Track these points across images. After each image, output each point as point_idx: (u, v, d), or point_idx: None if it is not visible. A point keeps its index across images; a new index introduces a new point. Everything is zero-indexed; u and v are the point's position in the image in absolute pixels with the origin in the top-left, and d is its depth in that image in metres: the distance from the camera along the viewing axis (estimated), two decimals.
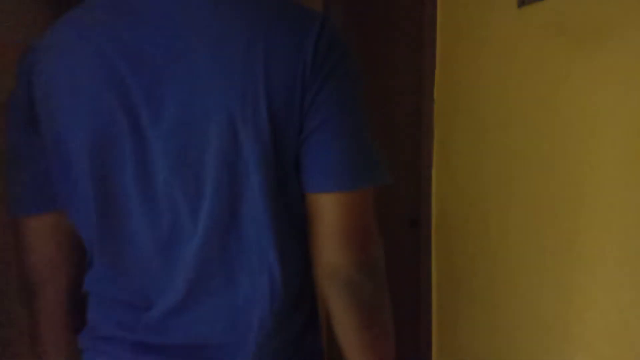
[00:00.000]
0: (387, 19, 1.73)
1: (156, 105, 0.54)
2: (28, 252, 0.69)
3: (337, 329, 0.61)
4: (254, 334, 0.58)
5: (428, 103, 1.31)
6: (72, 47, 0.59)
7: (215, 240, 0.57)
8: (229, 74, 0.54)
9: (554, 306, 0.96)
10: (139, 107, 0.54)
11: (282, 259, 0.57)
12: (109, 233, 0.60)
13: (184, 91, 0.55)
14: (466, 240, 1.22)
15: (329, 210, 0.58)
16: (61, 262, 0.69)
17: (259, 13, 0.57)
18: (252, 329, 0.58)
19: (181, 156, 0.55)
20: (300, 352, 0.64)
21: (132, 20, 0.56)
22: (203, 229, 0.56)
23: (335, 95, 0.56)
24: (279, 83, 0.53)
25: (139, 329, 0.61)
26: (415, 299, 1.47)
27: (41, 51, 0.62)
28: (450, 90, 1.24)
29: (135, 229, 0.58)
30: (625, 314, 0.82)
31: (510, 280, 1.08)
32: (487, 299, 1.15)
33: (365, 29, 1.88)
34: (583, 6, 0.87)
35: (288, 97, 0.54)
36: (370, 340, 0.62)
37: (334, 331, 0.62)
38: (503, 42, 1.06)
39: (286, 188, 0.58)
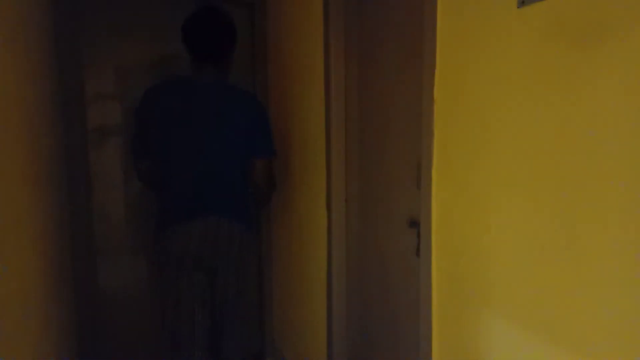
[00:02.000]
0: (387, 18, 1.73)
1: (206, 122, 1.93)
2: (142, 174, 2.06)
3: (258, 200, 2.15)
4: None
5: (428, 103, 1.31)
6: (169, 94, 1.94)
7: (221, 169, 1.96)
8: (230, 121, 1.95)
9: (554, 306, 0.96)
10: (198, 124, 1.93)
11: (241, 181, 2.02)
12: (178, 168, 1.95)
13: (216, 122, 1.94)
14: (466, 240, 1.22)
15: (259, 165, 2.00)
16: (153, 177, 2.01)
17: (234, 97, 2.00)
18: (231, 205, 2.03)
19: (215, 143, 1.93)
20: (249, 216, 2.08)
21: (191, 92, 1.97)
22: (220, 165, 1.96)
23: (264, 126, 2.01)
24: (245, 122, 1.97)
25: (188, 202, 1.96)
26: (415, 298, 1.47)
27: (153, 92, 1.94)
28: (450, 90, 1.24)
29: (191, 166, 1.95)
30: (626, 314, 0.82)
31: (511, 280, 1.08)
32: (487, 299, 1.15)
33: (364, 29, 1.88)
34: (583, 6, 0.87)
35: (247, 127, 1.96)
36: (266, 203, 2.24)
37: (256, 203, 2.20)
38: (503, 42, 1.06)
39: (245, 154, 1.99)
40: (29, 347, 1.42)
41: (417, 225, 1.51)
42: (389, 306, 1.80)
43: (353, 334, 2.07)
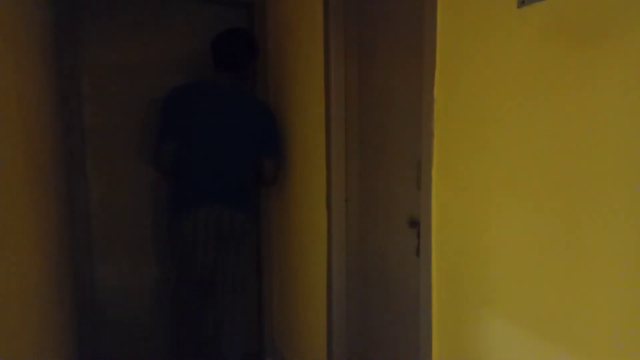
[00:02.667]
0: (387, 18, 1.73)
1: (219, 122, 2.29)
2: (164, 157, 2.27)
3: (260, 186, 2.71)
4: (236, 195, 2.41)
5: (428, 103, 1.31)
6: (191, 94, 2.28)
7: (229, 165, 2.33)
8: (242, 122, 2.33)
9: (555, 306, 0.96)
10: (214, 121, 2.28)
11: (245, 176, 2.40)
12: (193, 161, 2.28)
13: (228, 123, 2.31)
14: (466, 240, 1.22)
15: (268, 164, 2.43)
16: (172, 161, 2.28)
17: (247, 103, 2.40)
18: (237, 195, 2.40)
19: (226, 139, 2.30)
20: (249, 204, 2.45)
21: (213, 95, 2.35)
22: (228, 162, 2.32)
23: (274, 130, 2.43)
24: (255, 125, 2.37)
25: (200, 192, 2.30)
26: (415, 298, 1.47)
27: (181, 90, 2.28)
28: (451, 90, 1.24)
29: (210, 155, 2.30)
30: (627, 313, 0.82)
31: (511, 280, 1.08)
32: (487, 299, 1.15)
33: (364, 29, 1.88)
34: (583, 6, 0.87)
35: (259, 130, 2.37)
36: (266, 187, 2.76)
37: (258, 187, 2.75)
38: (503, 42, 1.06)
39: (252, 153, 2.39)
40: (29, 347, 1.42)
41: (417, 225, 1.51)
42: (389, 306, 1.80)
43: (353, 334, 2.07)
